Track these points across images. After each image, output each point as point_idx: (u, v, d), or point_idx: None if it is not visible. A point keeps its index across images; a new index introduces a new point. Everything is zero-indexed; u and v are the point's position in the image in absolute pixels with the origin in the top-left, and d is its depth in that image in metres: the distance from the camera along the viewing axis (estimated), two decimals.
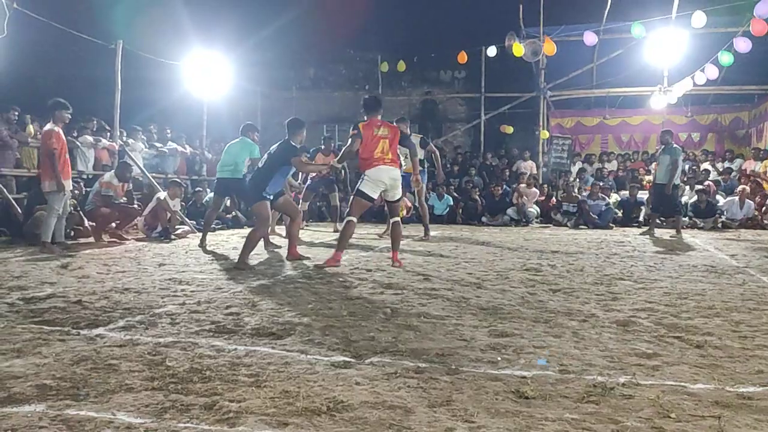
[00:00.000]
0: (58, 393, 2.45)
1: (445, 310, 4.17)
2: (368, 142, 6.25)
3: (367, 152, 6.23)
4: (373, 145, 6.23)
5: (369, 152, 6.22)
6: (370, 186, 6.28)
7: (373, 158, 6.21)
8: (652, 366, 2.89)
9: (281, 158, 6.55)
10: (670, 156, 10.79)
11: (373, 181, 6.27)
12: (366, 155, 6.24)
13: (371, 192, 6.31)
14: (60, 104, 7.76)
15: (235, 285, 5.18)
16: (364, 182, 6.30)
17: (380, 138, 6.29)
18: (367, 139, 6.26)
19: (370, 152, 6.22)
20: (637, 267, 6.51)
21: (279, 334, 3.45)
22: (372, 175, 6.24)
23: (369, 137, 6.26)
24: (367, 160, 6.22)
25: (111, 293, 4.69)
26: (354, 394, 2.49)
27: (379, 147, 6.24)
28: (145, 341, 3.27)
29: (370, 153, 6.22)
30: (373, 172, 6.23)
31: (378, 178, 6.25)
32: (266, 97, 19.69)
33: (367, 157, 6.23)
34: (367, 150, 6.24)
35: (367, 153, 6.23)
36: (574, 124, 19.35)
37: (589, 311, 4.16)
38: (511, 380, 2.68)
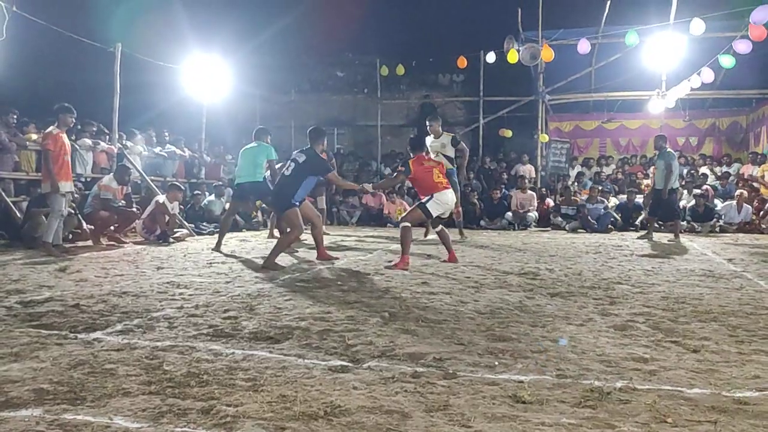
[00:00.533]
0: (55, 397, 2.45)
1: (443, 314, 4.17)
2: (422, 174, 6.99)
3: (428, 181, 6.94)
4: (428, 175, 6.96)
5: (429, 181, 6.93)
6: (436, 206, 6.92)
7: (436, 183, 6.91)
8: (649, 370, 2.90)
9: (313, 169, 6.87)
10: (664, 161, 10.82)
11: (441, 204, 6.95)
12: (427, 184, 6.95)
13: (434, 211, 6.95)
14: (65, 108, 7.98)
15: (233, 289, 5.18)
16: (433, 202, 6.90)
17: (432, 167, 7.04)
18: (420, 172, 6.99)
19: (431, 180, 6.92)
20: (635, 271, 6.52)
21: (277, 338, 3.46)
22: (441, 198, 6.92)
23: (421, 171, 6.99)
24: (431, 186, 6.92)
25: (109, 297, 4.69)
26: (351, 398, 2.49)
27: (434, 174, 6.97)
28: (143, 345, 3.27)
29: (431, 181, 6.92)
30: (442, 195, 6.92)
31: (446, 201, 6.96)
32: (265, 100, 19.73)
33: (429, 185, 6.93)
34: (426, 180, 6.96)
35: (428, 182, 6.93)
36: (572, 128, 19.39)
37: (587, 315, 4.16)
38: (508, 385, 2.68)
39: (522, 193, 14.32)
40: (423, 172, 6.99)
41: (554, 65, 16.52)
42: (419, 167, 7.01)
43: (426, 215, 7.05)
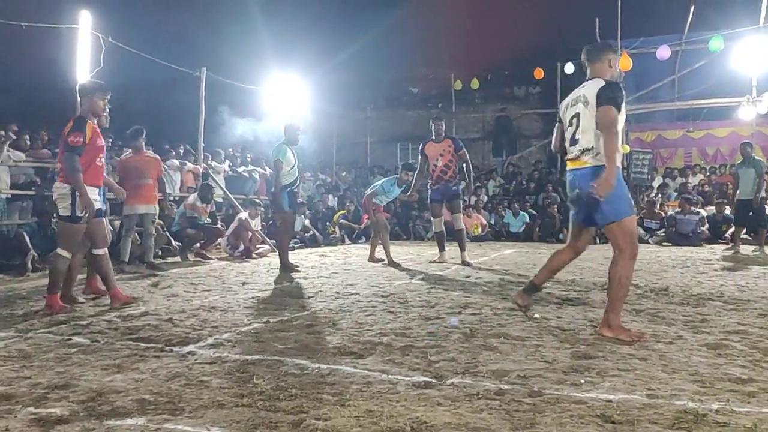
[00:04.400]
0: (156, 408, 2.59)
1: (525, 330, 4.13)
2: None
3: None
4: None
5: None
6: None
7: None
8: (748, 392, 2.77)
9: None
10: (755, 169, 10.36)
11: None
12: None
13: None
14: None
15: (315, 304, 5.30)
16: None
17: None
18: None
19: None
20: (728, 286, 6.23)
21: (360, 354, 3.52)
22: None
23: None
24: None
25: (199, 311, 4.90)
26: (437, 414, 2.51)
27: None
28: (233, 359, 3.40)
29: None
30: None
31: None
32: (341, 117, 20.12)
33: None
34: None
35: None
36: (654, 138, 18.76)
37: (677, 333, 4.02)
38: (595, 404, 2.63)
39: None
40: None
41: (634, 74, 16.06)
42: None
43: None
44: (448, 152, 8.86)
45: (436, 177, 8.94)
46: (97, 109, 5.14)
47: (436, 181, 8.95)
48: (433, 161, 8.94)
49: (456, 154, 8.87)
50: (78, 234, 5.11)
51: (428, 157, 8.99)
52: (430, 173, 9.06)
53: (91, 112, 5.13)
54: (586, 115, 3.96)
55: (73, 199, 4.96)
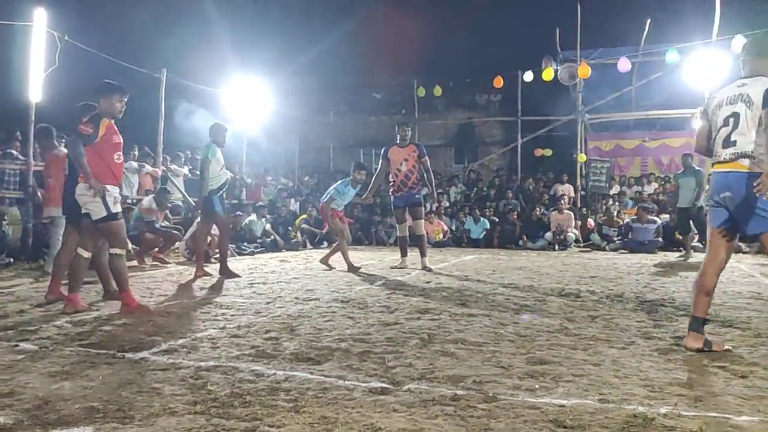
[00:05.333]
0: (105, 416, 2.53)
1: (482, 336, 4.16)
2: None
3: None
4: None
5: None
6: None
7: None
8: (695, 396, 2.84)
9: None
10: (695, 179, 10.75)
11: None
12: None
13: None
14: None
15: (274, 309, 5.25)
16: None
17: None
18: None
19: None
20: (679, 293, 6.39)
21: (317, 360, 3.49)
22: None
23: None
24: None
25: (154, 317, 4.81)
26: (392, 421, 2.51)
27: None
28: (188, 365, 3.34)
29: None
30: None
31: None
32: (305, 122, 20.04)
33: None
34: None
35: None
36: (612, 147, 19.15)
37: (629, 338, 4.10)
38: (549, 409, 2.66)
39: (560, 214, 14.17)
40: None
41: (593, 84, 16.43)
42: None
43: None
44: (412, 158, 8.84)
45: (399, 183, 8.90)
46: (115, 110, 5.18)
47: (399, 187, 8.91)
48: (396, 166, 8.89)
49: (419, 160, 8.86)
50: (122, 229, 5.19)
51: (391, 162, 8.95)
52: (392, 178, 9.00)
53: (109, 112, 5.15)
54: (748, 117, 3.65)
55: (104, 198, 4.99)
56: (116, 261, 5.16)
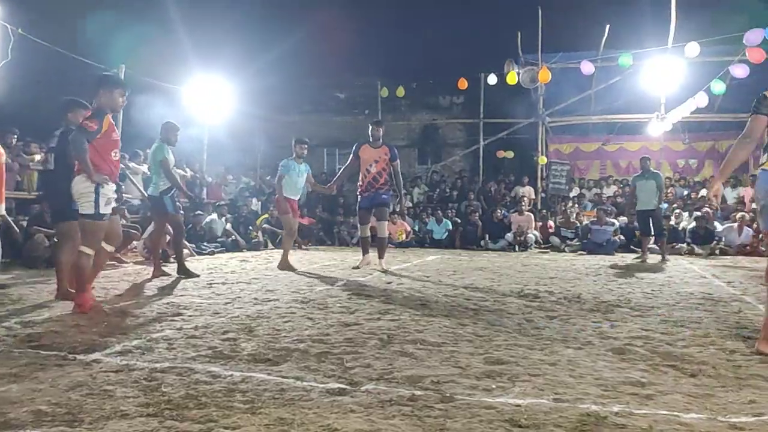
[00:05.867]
0: (53, 419, 2.46)
1: (441, 336, 4.18)
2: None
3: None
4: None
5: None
6: None
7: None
8: (646, 395, 2.90)
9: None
10: (655, 181, 10.97)
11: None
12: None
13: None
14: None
15: (232, 310, 5.19)
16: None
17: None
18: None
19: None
20: (635, 294, 6.52)
21: (275, 361, 3.46)
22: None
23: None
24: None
25: (108, 317, 4.70)
26: (348, 422, 2.50)
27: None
28: (142, 366, 3.28)
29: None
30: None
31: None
32: (267, 121, 19.87)
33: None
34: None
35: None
36: (572, 150, 19.50)
37: (585, 339, 4.17)
38: (505, 408, 2.68)
39: (520, 216, 14.35)
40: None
41: (554, 88, 16.69)
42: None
43: None
44: (383, 160, 8.62)
45: (367, 183, 8.64)
46: (116, 104, 5.16)
47: (367, 188, 8.65)
48: (366, 166, 8.64)
49: (390, 163, 8.67)
50: (101, 231, 5.08)
51: (361, 161, 8.69)
52: (361, 178, 8.76)
53: (109, 106, 5.10)
54: None
55: (97, 196, 4.93)
56: (82, 260, 5.01)
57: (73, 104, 6.09)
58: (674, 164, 18.79)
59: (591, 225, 13.57)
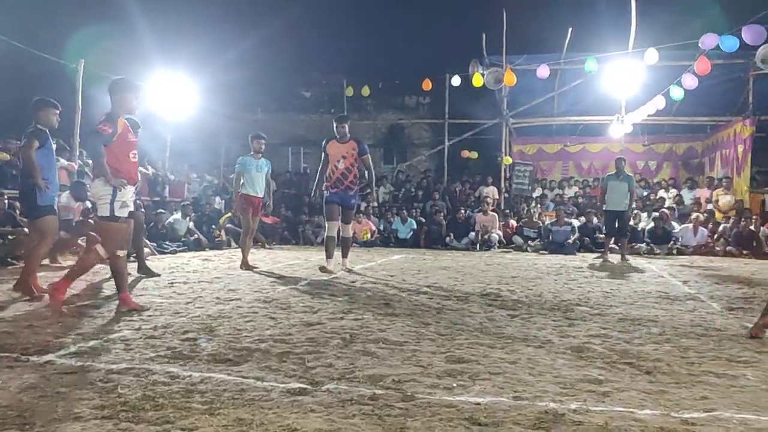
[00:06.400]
0: (3, 423, 2.39)
1: (404, 335, 4.19)
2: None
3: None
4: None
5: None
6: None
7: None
8: (603, 392, 2.95)
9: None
10: (628, 184, 11.07)
11: None
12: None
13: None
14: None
15: (193, 310, 5.12)
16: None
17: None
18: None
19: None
20: (594, 293, 6.64)
21: (236, 361, 3.43)
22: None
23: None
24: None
25: (64, 318, 4.59)
26: (308, 421, 2.48)
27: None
28: (97, 368, 3.21)
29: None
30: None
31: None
32: (231, 118, 19.65)
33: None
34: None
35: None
36: (536, 151, 19.75)
37: (545, 337, 4.22)
38: (465, 407, 2.70)
39: (484, 216, 14.48)
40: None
41: (518, 89, 16.87)
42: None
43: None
44: (351, 155, 8.24)
45: (335, 180, 8.23)
46: (129, 106, 5.13)
47: (335, 184, 8.24)
48: (334, 162, 8.24)
49: (359, 158, 8.32)
50: (118, 233, 5.12)
51: (329, 157, 8.30)
52: (329, 174, 8.35)
53: (124, 110, 5.11)
54: None
55: (113, 198, 4.97)
56: (117, 261, 5.13)
57: (43, 103, 6.06)
58: (634, 165, 19.15)
59: (550, 226, 13.77)
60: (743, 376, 3.27)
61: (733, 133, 15.70)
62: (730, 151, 15.85)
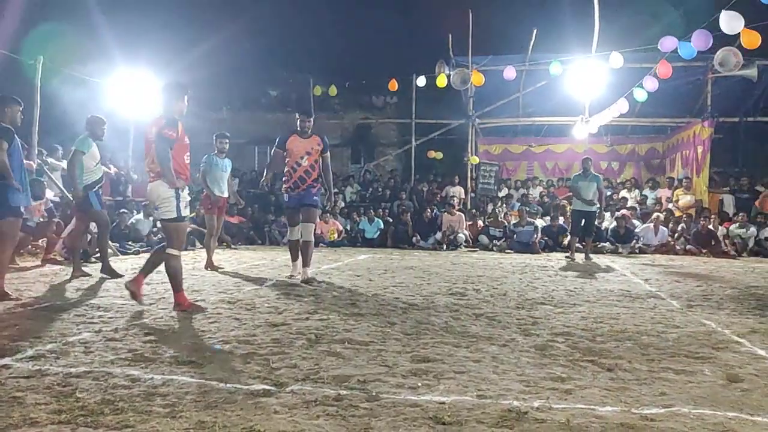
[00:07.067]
0: None
1: (369, 335, 4.19)
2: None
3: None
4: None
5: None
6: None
7: None
8: (566, 390, 2.99)
9: None
10: (596, 183, 11.22)
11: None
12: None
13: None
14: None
15: (156, 311, 5.04)
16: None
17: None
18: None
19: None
20: (558, 292, 6.72)
21: (199, 363, 3.38)
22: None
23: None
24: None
25: (21, 320, 4.48)
26: (272, 423, 2.46)
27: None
28: (55, 371, 3.14)
29: None
30: None
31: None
32: (195, 117, 19.32)
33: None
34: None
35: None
36: (501, 151, 19.91)
37: (510, 336, 4.26)
38: (429, 406, 2.71)
39: (450, 215, 14.56)
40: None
41: (484, 90, 16.99)
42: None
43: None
44: (315, 152, 7.39)
45: (297, 179, 7.32)
46: (183, 109, 5.31)
47: (296, 184, 7.34)
48: (296, 159, 7.30)
49: (321, 155, 7.48)
50: (184, 232, 5.40)
51: (290, 154, 7.36)
52: (288, 173, 7.41)
53: (176, 111, 5.25)
54: None
55: (177, 200, 5.15)
56: (172, 261, 5.20)
57: (7, 101, 5.91)
58: (597, 166, 19.38)
59: (514, 226, 13.91)
60: (701, 372, 3.35)
61: (692, 135, 16.06)
62: (690, 152, 16.21)
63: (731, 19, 8.56)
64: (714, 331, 4.54)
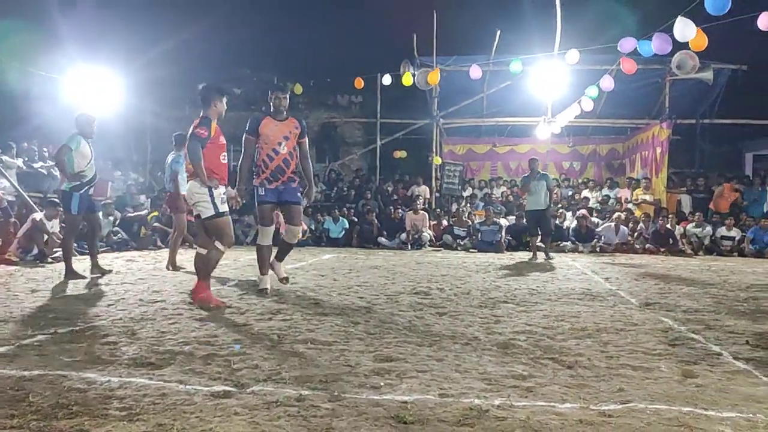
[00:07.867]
0: None
1: (332, 335, 4.17)
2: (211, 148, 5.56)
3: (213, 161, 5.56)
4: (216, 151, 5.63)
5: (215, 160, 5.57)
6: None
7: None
8: (527, 387, 3.02)
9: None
10: (546, 182, 11.38)
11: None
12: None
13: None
14: None
15: (114, 312, 4.94)
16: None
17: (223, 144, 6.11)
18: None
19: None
20: (521, 290, 6.79)
21: (158, 364, 3.32)
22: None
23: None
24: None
25: None
26: (232, 425, 2.43)
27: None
28: (8, 375, 3.05)
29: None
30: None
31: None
32: (157, 115, 19.07)
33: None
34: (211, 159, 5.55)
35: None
36: (465, 151, 20.07)
37: (472, 334, 4.29)
38: (391, 405, 2.71)
39: (415, 215, 14.61)
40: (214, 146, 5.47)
41: (448, 90, 17.10)
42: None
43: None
44: (294, 136, 6.25)
45: (273, 169, 6.19)
46: (221, 111, 5.45)
47: (274, 176, 6.21)
48: (272, 146, 6.15)
49: (299, 141, 6.33)
50: (228, 226, 5.44)
51: (265, 139, 6.17)
52: (263, 162, 6.22)
53: (214, 113, 5.38)
54: None
55: (212, 198, 5.26)
56: (215, 254, 5.43)
57: None
58: (560, 166, 19.78)
59: (479, 225, 14.03)
60: (657, 368, 3.42)
61: (651, 136, 16.41)
62: (649, 152, 16.57)
63: (685, 26, 8.78)
64: (671, 328, 4.64)
